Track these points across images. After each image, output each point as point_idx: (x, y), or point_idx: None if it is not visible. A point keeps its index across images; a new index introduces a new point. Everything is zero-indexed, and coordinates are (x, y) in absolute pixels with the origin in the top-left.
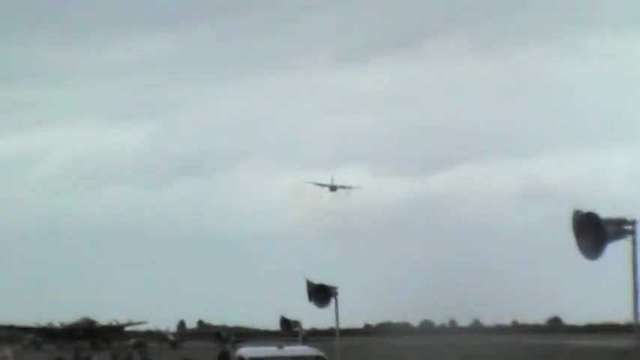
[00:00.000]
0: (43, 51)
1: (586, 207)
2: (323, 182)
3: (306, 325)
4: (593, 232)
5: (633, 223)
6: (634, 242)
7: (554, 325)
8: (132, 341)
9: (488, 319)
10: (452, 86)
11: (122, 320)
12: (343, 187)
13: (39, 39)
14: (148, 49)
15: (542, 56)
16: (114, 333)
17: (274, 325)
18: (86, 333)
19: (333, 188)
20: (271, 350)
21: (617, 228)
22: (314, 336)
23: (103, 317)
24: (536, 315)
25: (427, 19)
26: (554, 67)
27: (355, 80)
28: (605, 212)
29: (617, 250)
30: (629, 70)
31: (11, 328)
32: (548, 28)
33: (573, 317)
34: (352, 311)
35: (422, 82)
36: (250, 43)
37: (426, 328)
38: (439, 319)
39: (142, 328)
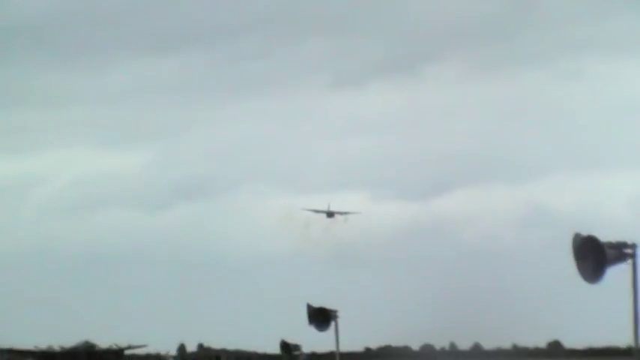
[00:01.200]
0: (42, 75)
1: (586, 230)
2: (320, 209)
3: (306, 348)
4: (593, 255)
5: (634, 246)
6: (634, 266)
7: (555, 349)
8: None
9: (489, 343)
10: (451, 110)
11: (122, 344)
12: (340, 213)
13: (38, 63)
14: (147, 73)
15: (541, 80)
16: (114, 356)
17: (274, 349)
18: (86, 357)
19: (330, 214)
20: None
21: (618, 252)
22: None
23: (103, 341)
24: (536, 338)
25: (426, 43)
26: (554, 91)
27: (354, 105)
28: (605, 236)
29: (617, 274)
30: (628, 94)
31: (10, 352)
32: (547, 53)
33: (573, 341)
34: (352, 334)
35: (421, 106)
36: (249, 68)
37: (427, 351)
38: (439, 342)
39: (142, 351)
